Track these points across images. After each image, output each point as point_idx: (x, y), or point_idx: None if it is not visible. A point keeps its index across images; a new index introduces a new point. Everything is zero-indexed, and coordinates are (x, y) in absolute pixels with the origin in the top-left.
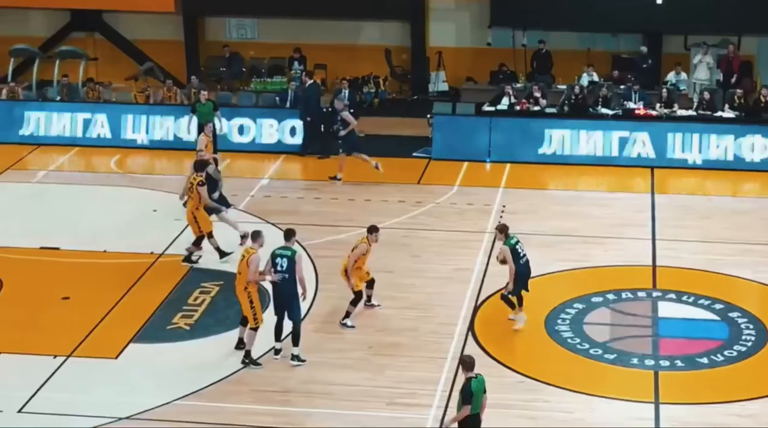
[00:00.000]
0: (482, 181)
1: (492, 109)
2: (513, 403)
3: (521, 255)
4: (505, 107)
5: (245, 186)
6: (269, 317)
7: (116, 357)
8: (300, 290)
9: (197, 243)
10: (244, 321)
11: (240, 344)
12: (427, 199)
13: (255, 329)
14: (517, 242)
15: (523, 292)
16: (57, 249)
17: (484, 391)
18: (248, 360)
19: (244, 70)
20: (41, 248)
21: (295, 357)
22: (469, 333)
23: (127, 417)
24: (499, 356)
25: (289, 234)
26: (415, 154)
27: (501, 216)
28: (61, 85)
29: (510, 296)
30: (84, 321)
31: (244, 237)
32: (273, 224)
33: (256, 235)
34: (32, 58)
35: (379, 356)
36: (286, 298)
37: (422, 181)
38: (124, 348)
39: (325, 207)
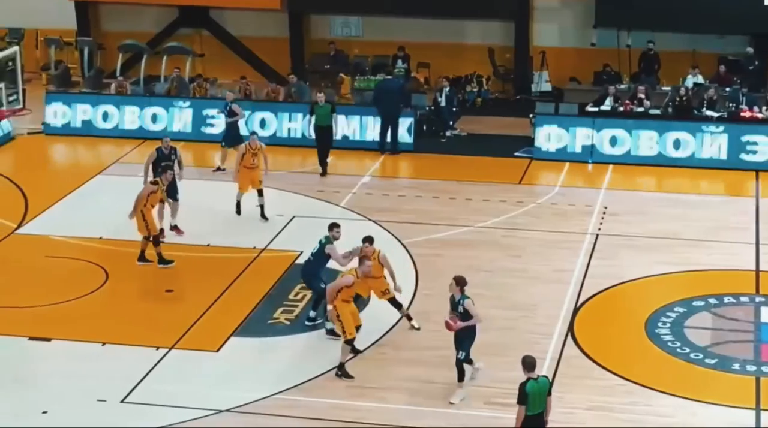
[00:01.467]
0: (584, 182)
1: (595, 109)
2: (612, 406)
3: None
4: (609, 108)
5: (347, 183)
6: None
7: (218, 351)
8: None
9: (155, 243)
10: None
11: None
12: (528, 199)
13: (348, 342)
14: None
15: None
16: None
17: (549, 394)
18: (341, 373)
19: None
20: None
21: (310, 319)
22: (569, 334)
23: (227, 410)
24: (598, 358)
25: (330, 227)
26: (516, 154)
27: (602, 218)
28: (172, 79)
29: (464, 361)
30: (187, 314)
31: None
32: (374, 221)
33: (361, 262)
34: (140, 54)
35: (477, 355)
36: (305, 276)
37: (523, 181)
38: (225, 341)
39: (426, 205)
